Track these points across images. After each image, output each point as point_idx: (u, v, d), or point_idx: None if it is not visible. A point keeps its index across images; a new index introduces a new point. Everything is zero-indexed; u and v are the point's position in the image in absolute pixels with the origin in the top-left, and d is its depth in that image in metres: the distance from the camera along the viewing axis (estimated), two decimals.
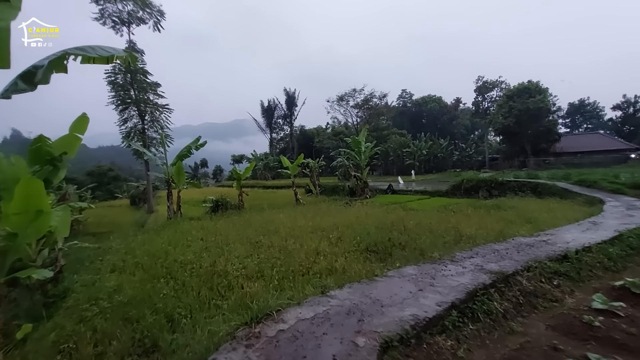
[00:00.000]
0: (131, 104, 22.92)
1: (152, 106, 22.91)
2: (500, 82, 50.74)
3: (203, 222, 10.74)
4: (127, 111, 23.22)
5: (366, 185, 19.74)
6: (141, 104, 22.55)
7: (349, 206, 14.23)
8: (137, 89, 22.86)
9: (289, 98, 69.61)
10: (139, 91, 22.91)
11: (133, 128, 23.08)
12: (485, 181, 17.10)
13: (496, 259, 4.52)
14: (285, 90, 69.58)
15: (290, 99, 69.52)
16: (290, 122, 70.71)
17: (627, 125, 51.04)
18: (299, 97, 68.53)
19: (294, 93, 69.62)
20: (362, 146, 20.23)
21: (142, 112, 22.99)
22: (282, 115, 71.54)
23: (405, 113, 75.28)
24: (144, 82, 23.27)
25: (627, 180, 13.55)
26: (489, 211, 10.68)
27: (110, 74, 22.73)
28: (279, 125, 72.92)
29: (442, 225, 8.45)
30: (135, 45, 24.09)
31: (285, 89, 69.17)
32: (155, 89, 23.78)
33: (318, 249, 6.70)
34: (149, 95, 23.35)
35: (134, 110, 23.19)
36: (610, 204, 9.70)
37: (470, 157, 53.27)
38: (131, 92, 22.87)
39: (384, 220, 9.51)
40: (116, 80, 23.03)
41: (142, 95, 22.96)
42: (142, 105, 22.75)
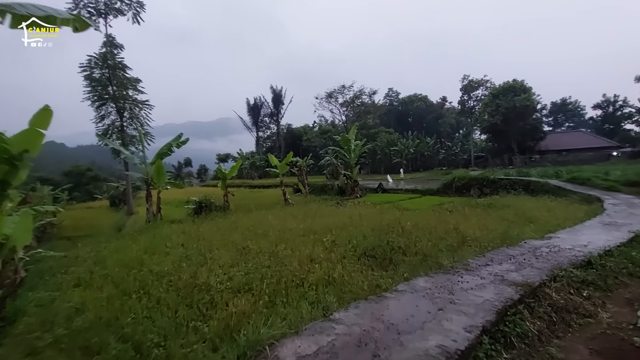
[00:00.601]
0: (109, 100, 21.69)
1: (132, 102, 21.75)
2: (485, 81, 51.18)
3: (185, 226, 9.96)
4: (104, 107, 21.98)
5: (356, 185, 19.25)
6: (120, 100, 21.36)
7: (341, 206, 13.68)
8: (116, 84, 21.66)
9: (275, 96, 68.61)
10: (117, 87, 21.71)
11: (111, 125, 21.86)
12: (476, 179, 16.87)
13: (515, 267, 4.03)
14: (272, 87, 68.59)
15: (276, 96, 68.52)
16: (277, 121, 69.70)
17: (607, 123, 52.49)
18: (285, 95, 67.63)
19: (281, 91, 68.67)
20: (352, 144, 19.72)
21: (120, 109, 21.80)
22: (268, 114, 70.43)
23: (392, 112, 75.37)
24: (123, 77, 22.09)
25: (619, 178, 13.51)
26: (486, 210, 10.31)
27: (86, 68, 21.44)
28: (265, 124, 71.76)
29: (441, 226, 7.98)
30: (115, 39, 22.84)
31: (271, 87, 68.24)
32: (135, 85, 22.62)
33: (312, 255, 6.09)
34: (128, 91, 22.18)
35: (112, 107, 21.97)
36: (610, 202, 9.49)
37: (456, 156, 53.69)
38: (109, 88, 21.65)
39: (379, 221, 8.99)
40: (92, 75, 21.76)
41: (121, 91, 21.77)
42: (121, 101, 21.56)
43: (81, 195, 47.35)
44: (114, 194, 30.56)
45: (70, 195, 37.39)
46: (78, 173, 56.57)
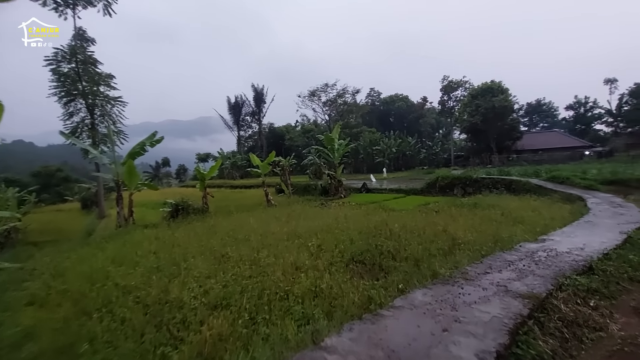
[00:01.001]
0: (78, 96, 20.39)
1: (103, 99, 20.53)
2: (464, 82, 52.17)
3: (159, 231, 9.29)
4: (72, 104, 20.66)
5: (340, 184, 18.94)
6: (90, 96, 20.10)
7: (325, 207, 13.31)
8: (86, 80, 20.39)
9: (257, 94, 67.52)
10: (87, 82, 20.44)
11: (80, 123, 20.56)
12: (459, 179, 16.91)
13: (516, 274, 3.77)
14: (253, 86, 67.44)
15: (258, 95, 67.46)
16: (259, 120, 68.69)
17: (579, 124, 54.71)
18: (267, 94, 66.74)
19: (262, 89, 67.66)
20: (336, 143, 19.39)
21: (91, 106, 20.53)
22: (250, 112, 69.27)
23: (374, 111, 75.78)
24: (94, 72, 20.83)
25: (597, 177, 13.81)
26: (472, 210, 10.20)
27: (52, 61, 20.06)
28: (246, 123, 70.54)
29: (429, 228, 7.74)
30: (85, 33, 21.49)
31: (253, 85, 67.05)
32: (108, 81, 21.39)
33: (297, 262, 5.67)
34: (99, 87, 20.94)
35: (82, 103, 20.67)
36: (592, 201, 9.57)
37: (436, 155, 54.51)
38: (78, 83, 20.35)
39: (366, 223, 8.67)
40: (59, 69, 20.40)
41: (92, 86, 20.51)
42: (91, 97, 20.30)
43: (51, 197, 44.83)
44: (86, 195, 28.99)
45: (38, 197, 35.20)
46: (47, 174, 53.54)
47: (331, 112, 72.79)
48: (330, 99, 59.90)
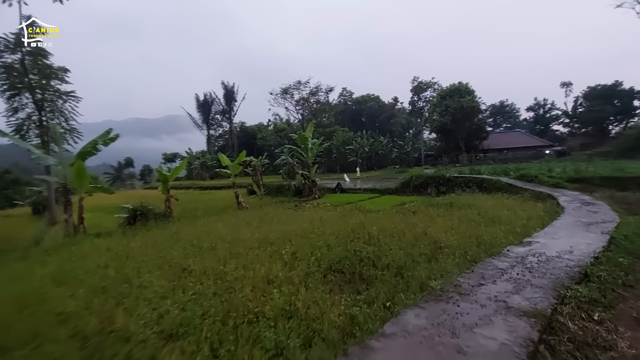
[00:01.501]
0: (23, 90, 18.42)
1: (53, 93, 18.67)
2: (433, 83, 53.54)
3: (112, 240, 8.29)
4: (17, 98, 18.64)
5: (314, 185, 18.44)
6: (37, 90, 18.20)
7: (299, 209, 12.74)
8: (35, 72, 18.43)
9: (227, 92, 65.55)
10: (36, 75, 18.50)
11: (26, 120, 18.58)
12: (433, 178, 16.97)
13: (513, 286, 3.42)
14: (224, 83, 65.42)
15: (228, 93, 65.51)
16: (230, 118, 66.68)
17: (539, 124, 57.93)
18: (238, 92, 64.91)
19: (233, 87, 65.80)
20: (309, 142, 18.87)
21: (39, 101, 18.60)
22: (220, 111, 67.14)
23: (346, 111, 76.08)
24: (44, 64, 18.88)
25: (562, 175, 14.28)
26: (449, 210, 10.05)
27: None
28: (217, 122, 68.32)
29: (409, 231, 7.41)
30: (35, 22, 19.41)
31: (223, 83, 65.03)
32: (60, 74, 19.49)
33: (269, 274, 5.08)
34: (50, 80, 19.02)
35: (28, 98, 18.70)
36: (563, 199, 9.72)
37: (408, 154, 55.56)
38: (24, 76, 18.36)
39: (343, 226, 8.21)
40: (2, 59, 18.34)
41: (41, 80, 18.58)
42: (39, 91, 18.40)
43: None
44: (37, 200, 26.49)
45: None
46: None
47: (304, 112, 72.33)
48: (303, 97, 59.11)
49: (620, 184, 12.38)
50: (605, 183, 12.75)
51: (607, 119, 44.30)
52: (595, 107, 43.56)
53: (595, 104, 43.77)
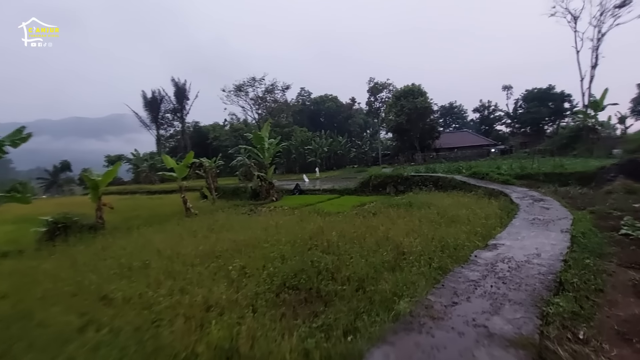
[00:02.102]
0: None
1: None
2: (388, 84, 54.94)
3: (20, 262, 6.85)
4: None
5: (272, 187, 17.57)
6: None
7: (254, 214, 11.85)
8: None
9: (178, 90, 61.91)
10: None
11: None
12: (391, 177, 16.97)
13: (489, 303, 3.00)
14: (174, 80, 61.67)
15: (180, 90, 61.90)
16: (182, 117, 63.02)
17: (484, 125, 61.94)
18: (190, 90, 61.47)
19: (185, 85, 62.30)
20: (266, 142, 17.96)
21: None
22: (170, 109, 63.19)
23: (305, 111, 75.66)
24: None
25: (510, 172, 14.94)
26: (408, 210, 9.84)
27: None
28: (167, 121, 64.19)
29: (370, 235, 6.97)
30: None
31: (173, 79, 61.29)
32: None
33: (210, 297, 4.28)
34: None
35: None
36: (515, 196, 9.97)
37: (366, 154, 56.44)
38: None
39: (300, 232, 7.56)
40: None
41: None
42: None
43: None
44: None
45: None
46: None
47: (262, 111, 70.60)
48: (259, 95, 57.24)
49: (561, 180, 13.14)
50: (549, 179, 13.49)
51: (542, 120, 48.52)
52: (532, 108, 47.49)
53: (532, 105, 47.71)
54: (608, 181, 11.32)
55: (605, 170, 11.90)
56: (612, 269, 4.23)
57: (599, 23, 32.69)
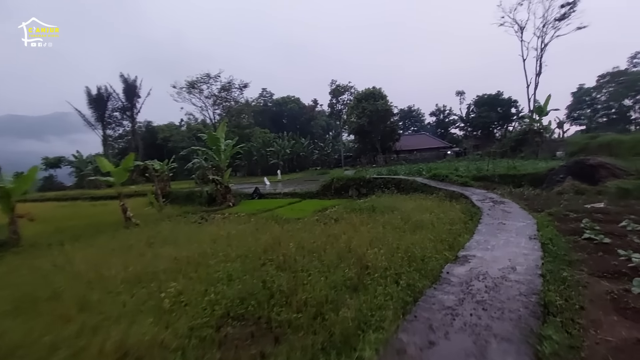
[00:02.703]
0: None
1: None
2: (350, 87, 55.38)
3: None
4: None
5: (228, 191, 16.41)
6: None
7: (205, 222, 10.76)
8: None
9: (128, 87, 57.47)
10: None
11: None
12: (354, 179, 16.62)
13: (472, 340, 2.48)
14: (123, 76, 57.11)
15: (130, 88, 57.49)
16: (132, 116, 58.61)
17: (440, 128, 64.76)
18: (141, 87, 57.30)
19: (135, 81, 57.94)
20: (222, 143, 16.76)
21: None
22: (119, 108, 58.53)
23: (266, 112, 74.24)
24: None
25: (467, 173, 15.22)
26: (371, 216, 9.40)
27: None
28: (115, 120, 59.40)
29: (331, 246, 6.34)
30: None
31: (122, 75, 56.73)
32: None
33: (129, 337, 3.36)
34: None
35: None
36: (475, 198, 9.94)
37: (328, 156, 56.42)
38: None
39: (254, 244, 6.77)
40: None
41: None
42: None
43: None
44: None
45: None
46: None
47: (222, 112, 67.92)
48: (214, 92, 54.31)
49: (515, 181, 13.56)
50: (503, 180, 13.87)
51: (492, 124, 51.58)
52: (483, 113, 50.30)
53: (482, 110, 50.54)
54: (558, 182, 11.78)
55: (555, 172, 12.42)
56: (585, 279, 3.96)
57: (542, 34, 35.42)
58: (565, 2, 32.99)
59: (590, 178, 11.36)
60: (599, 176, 11.25)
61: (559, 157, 24.76)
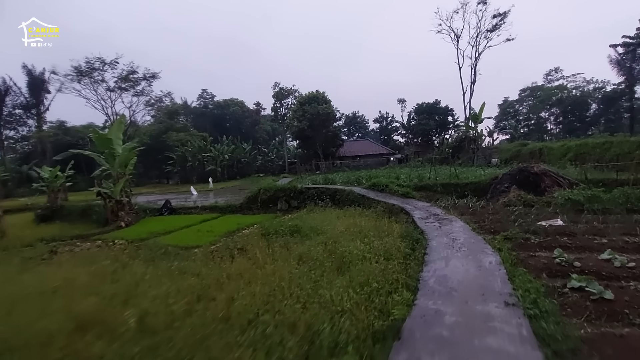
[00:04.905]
0: None
1: None
2: (294, 90, 53.30)
3: None
4: None
5: (122, 207, 12.90)
6: None
7: (53, 258, 7.48)
8: None
9: (33, 81, 48.80)
10: None
11: None
12: (284, 190, 14.22)
13: None
14: (27, 68, 48.27)
15: (36, 82, 48.82)
16: (38, 115, 49.89)
17: (383, 134, 65.63)
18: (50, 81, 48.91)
19: (44, 75, 49.39)
20: (117, 147, 13.26)
21: None
22: (21, 104, 49.62)
23: (207, 115, 69.09)
24: None
25: (408, 183, 13.77)
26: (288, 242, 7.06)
27: None
28: (16, 118, 50.18)
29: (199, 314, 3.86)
30: None
31: (25, 66, 47.93)
32: None
33: None
34: None
35: None
36: (417, 216, 8.15)
37: (272, 162, 53.63)
38: None
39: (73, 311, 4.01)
40: None
41: None
42: None
43: None
44: None
45: None
46: None
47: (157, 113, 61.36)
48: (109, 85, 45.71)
49: (458, 191, 12.33)
50: (446, 189, 12.59)
51: (430, 131, 53.15)
52: (422, 120, 51.62)
53: (422, 118, 51.88)
54: (503, 192, 10.65)
55: (499, 181, 11.37)
56: None
57: (475, 43, 36.82)
58: (497, 13, 34.67)
59: (536, 187, 10.39)
60: (544, 185, 10.32)
61: (494, 164, 25.12)
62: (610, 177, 10.85)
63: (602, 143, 16.14)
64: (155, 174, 53.36)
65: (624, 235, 5.83)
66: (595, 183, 10.15)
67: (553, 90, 58.46)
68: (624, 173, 10.63)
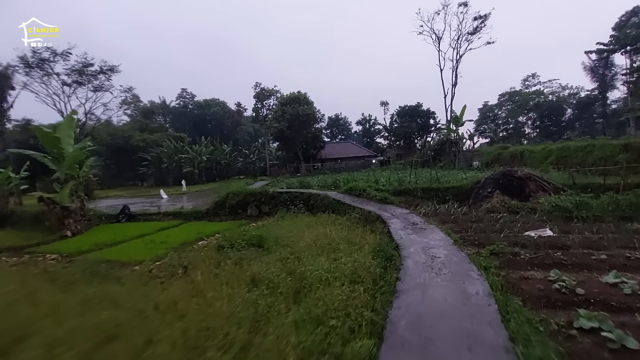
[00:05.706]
0: None
1: None
2: (275, 91, 52.11)
3: None
4: None
5: (69, 214, 11.50)
6: None
7: None
8: None
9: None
10: None
11: None
12: (254, 194, 13.14)
13: None
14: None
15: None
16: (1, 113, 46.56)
17: (366, 137, 65.27)
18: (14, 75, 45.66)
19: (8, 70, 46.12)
20: (66, 146, 11.86)
21: None
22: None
23: (187, 115, 66.89)
24: None
25: (387, 187, 12.99)
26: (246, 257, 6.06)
27: None
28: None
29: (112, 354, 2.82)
30: None
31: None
32: None
33: None
34: None
35: None
36: (394, 226, 7.31)
37: (253, 164, 52.22)
38: None
39: None
40: None
41: None
42: None
43: None
44: None
45: None
46: None
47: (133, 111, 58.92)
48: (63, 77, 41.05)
49: (439, 195, 11.62)
50: (427, 194, 11.86)
51: (413, 134, 53.07)
52: (404, 123, 51.45)
53: (404, 120, 51.72)
54: (486, 197, 9.99)
55: (481, 185, 10.72)
56: None
57: (457, 45, 36.81)
58: (478, 16, 34.73)
59: (520, 192, 9.77)
60: (529, 190, 9.72)
61: (475, 167, 24.82)
62: (596, 181, 10.40)
63: (584, 146, 15.90)
64: (129, 175, 50.77)
65: (622, 248, 5.16)
66: (582, 188, 9.64)
67: (530, 95, 59.69)
68: (610, 177, 10.18)
